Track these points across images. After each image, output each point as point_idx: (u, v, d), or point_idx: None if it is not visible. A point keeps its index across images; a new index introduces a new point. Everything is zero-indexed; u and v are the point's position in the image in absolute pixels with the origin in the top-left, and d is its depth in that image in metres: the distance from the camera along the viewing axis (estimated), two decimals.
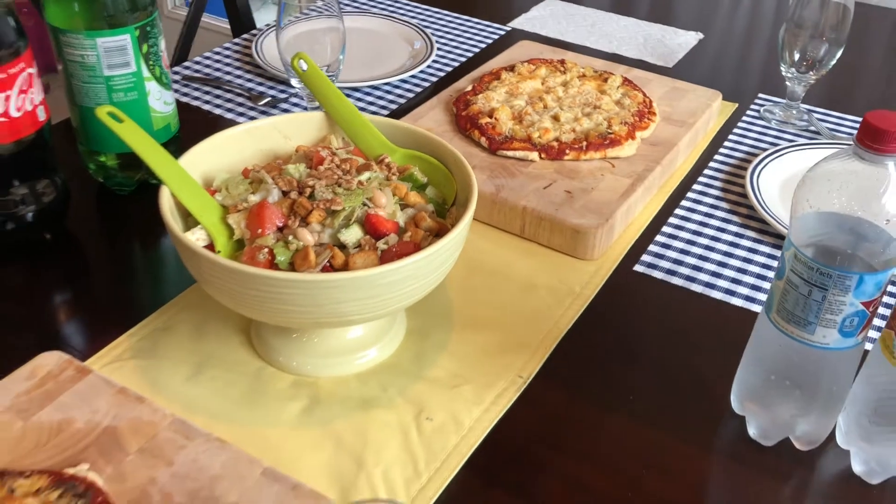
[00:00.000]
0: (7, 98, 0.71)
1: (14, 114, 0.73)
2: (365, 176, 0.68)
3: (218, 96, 1.09)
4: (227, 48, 1.22)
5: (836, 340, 0.57)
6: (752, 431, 0.65)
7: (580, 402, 0.68)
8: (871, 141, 0.52)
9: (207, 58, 1.19)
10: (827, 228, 0.56)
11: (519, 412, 0.67)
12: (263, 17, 2.42)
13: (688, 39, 1.29)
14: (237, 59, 1.19)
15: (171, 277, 0.81)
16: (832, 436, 0.64)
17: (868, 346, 0.66)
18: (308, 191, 0.66)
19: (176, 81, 1.11)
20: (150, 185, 0.90)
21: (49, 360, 0.65)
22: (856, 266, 0.54)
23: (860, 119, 0.68)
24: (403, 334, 0.73)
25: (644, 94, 1.01)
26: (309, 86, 0.77)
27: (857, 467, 0.63)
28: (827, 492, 0.62)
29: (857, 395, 0.62)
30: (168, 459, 0.57)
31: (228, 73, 1.15)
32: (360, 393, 0.68)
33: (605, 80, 1.03)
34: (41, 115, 0.76)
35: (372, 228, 0.64)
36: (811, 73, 1.03)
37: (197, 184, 0.66)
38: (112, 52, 0.79)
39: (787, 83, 1.06)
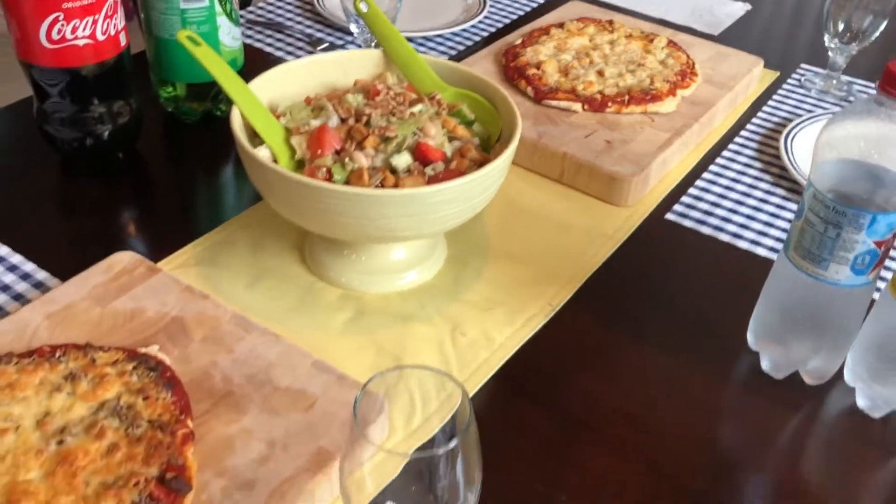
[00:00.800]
0: (94, 21, 0.78)
1: (100, 37, 0.79)
2: (417, 108, 0.73)
3: (279, 40, 1.15)
4: None
5: (847, 277, 0.62)
6: (764, 365, 0.70)
7: (605, 331, 0.73)
8: (892, 87, 0.56)
9: (270, 3, 1.25)
10: (845, 171, 0.59)
11: (547, 335, 0.72)
12: None
13: (735, 9, 1.32)
14: (297, 7, 1.24)
15: (230, 199, 0.88)
16: (840, 373, 0.69)
17: (880, 284, 0.70)
18: (364, 118, 0.71)
19: (241, 23, 1.17)
20: (214, 116, 0.96)
21: (123, 258, 0.71)
22: (870, 206, 0.58)
23: None
24: (443, 261, 0.78)
25: (688, 56, 1.04)
26: (369, 25, 0.83)
27: (862, 402, 0.67)
28: (832, 423, 0.67)
29: (865, 334, 0.66)
30: (229, 348, 0.64)
31: (290, 19, 1.21)
32: (400, 308, 0.74)
33: (651, 41, 1.07)
34: (122, 41, 0.82)
35: (421, 156, 0.69)
36: (854, 43, 1.06)
37: (264, 106, 0.72)
38: None
39: (830, 53, 1.09)
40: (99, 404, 0.57)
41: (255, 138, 0.71)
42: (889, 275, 0.77)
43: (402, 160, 0.69)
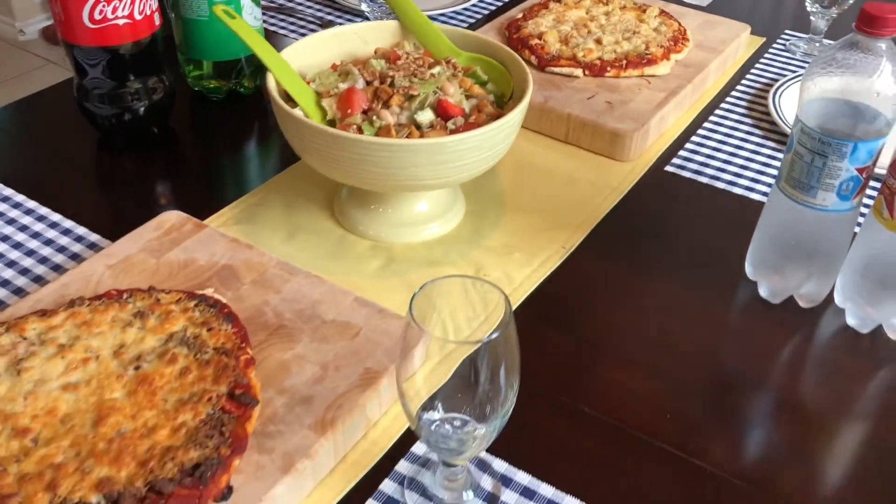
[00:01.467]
0: (133, 2, 0.84)
1: (137, 17, 0.85)
2: (436, 70, 0.80)
3: (292, 24, 1.21)
4: None
5: (834, 203, 0.68)
6: (762, 292, 0.77)
7: (615, 267, 0.80)
8: (866, 26, 0.62)
9: None
10: (828, 107, 0.66)
11: (562, 274, 0.79)
12: None
13: None
14: None
15: (257, 168, 0.94)
16: (830, 295, 0.75)
17: (864, 211, 0.76)
18: (388, 80, 0.78)
19: None
20: (238, 94, 1.02)
21: (171, 217, 0.78)
22: (851, 136, 0.65)
23: None
24: (462, 214, 0.85)
25: (679, 24, 1.11)
26: (388, 0, 0.89)
27: (851, 321, 0.74)
28: (825, 340, 0.74)
29: (852, 257, 0.73)
30: (277, 289, 0.70)
31: (300, 3, 1.27)
32: (427, 255, 0.80)
33: (644, 11, 1.13)
34: (157, 20, 0.88)
35: (442, 111, 0.76)
36: (833, 8, 1.12)
37: (295, 72, 0.78)
38: None
39: (812, 18, 1.16)
40: (167, 336, 0.63)
41: (288, 102, 0.78)
42: (872, 201, 0.83)
43: (426, 116, 0.75)
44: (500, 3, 1.29)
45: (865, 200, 0.83)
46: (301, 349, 0.65)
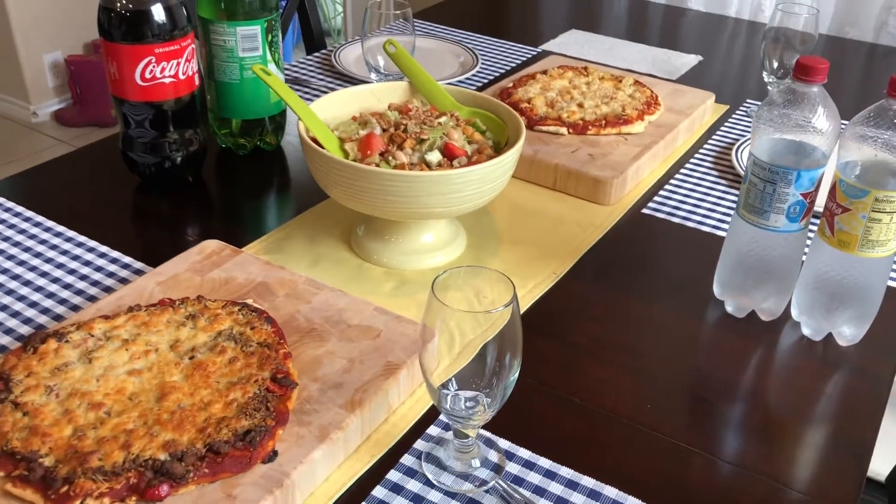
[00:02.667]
0: (178, 63, 0.97)
1: (181, 76, 0.98)
2: (442, 119, 0.92)
3: (305, 93, 1.35)
4: (308, 59, 1.48)
5: (784, 225, 0.80)
6: (728, 308, 0.88)
7: (600, 290, 0.91)
8: (802, 75, 0.76)
9: (293, 66, 1.45)
10: (775, 141, 0.79)
11: (554, 295, 0.90)
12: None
13: (689, 60, 1.55)
14: (316, 67, 1.45)
15: (280, 212, 1.06)
16: (788, 310, 0.87)
17: (812, 234, 0.88)
18: (402, 127, 0.90)
19: None
20: (262, 150, 1.15)
21: (211, 244, 0.89)
22: (794, 165, 0.78)
23: None
24: (464, 246, 0.96)
25: (651, 91, 1.26)
26: (395, 62, 1.03)
27: (806, 331, 0.85)
28: (783, 347, 0.84)
29: (804, 275, 0.84)
30: (307, 300, 0.81)
31: (312, 76, 1.41)
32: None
33: (620, 81, 1.28)
34: (196, 81, 1.01)
35: (449, 153, 0.88)
36: (787, 78, 1.28)
37: (321, 121, 0.91)
38: (246, 39, 1.05)
39: (769, 87, 1.31)
40: (216, 333, 0.73)
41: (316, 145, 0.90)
42: (818, 222, 0.95)
43: (435, 156, 0.88)
44: (493, 76, 1.44)
45: (812, 227, 0.95)
46: (330, 346, 0.75)
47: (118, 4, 0.93)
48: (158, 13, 0.94)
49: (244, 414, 0.65)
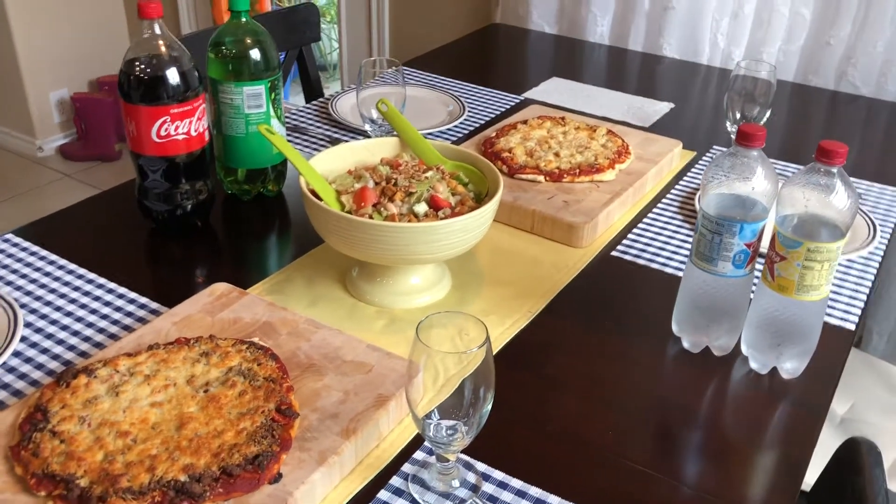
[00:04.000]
0: (190, 122, 1.07)
1: (193, 133, 1.08)
2: (429, 174, 1.03)
3: (304, 141, 1.45)
4: (307, 108, 1.59)
5: (731, 271, 0.91)
6: (685, 344, 0.98)
7: (571, 327, 1.01)
8: (742, 140, 0.86)
9: (293, 114, 1.56)
10: (721, 198, 0.89)
11: (528, 332, 1.00)
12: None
13: (662, 107, 1.66)
14: (316, 116, 1.55)
15: (281, 254, 1.16)
16: (738, 346, 0.97)
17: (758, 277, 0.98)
18: (393, 180, 1.01)
19: None
20: (264, 196, 1.25)
21: (220, 287, 0.98)
22: (738, 218, 0.88)
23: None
24: (449, 287, 1.06)
25: (623, 140, 1.37)
26: (387, 119, 1.13)
27: (753, 364, 0.95)
28: (733, 379, 0.94)
29: (750, 316, 0.94)
30: (307, 338, 0.90)
31: (311, 123, 1.52)
32: (420, 318, 1.00)
33: (594, 131, 1.39)
34: (207, 137, 1.12)
35: (434, 204, 0.98)
36: None
37: (319, 175, 1.01)
38: (252, 97, 1.16)
39: (732, 136, 1.41)
40: (227, 369, 0.82)
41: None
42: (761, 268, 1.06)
43: (422, 207, 0.98)
44: (478, 125, 1.55)
45: (757, 273, 1.05)
46: (328, 381, 0.84)
47: (137, 69, 1.04)
48: (173, 77, 1.05)
49: (253, 441, 0.74)
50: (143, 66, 1.04)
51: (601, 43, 2.07)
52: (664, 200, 1.31)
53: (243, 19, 1.15)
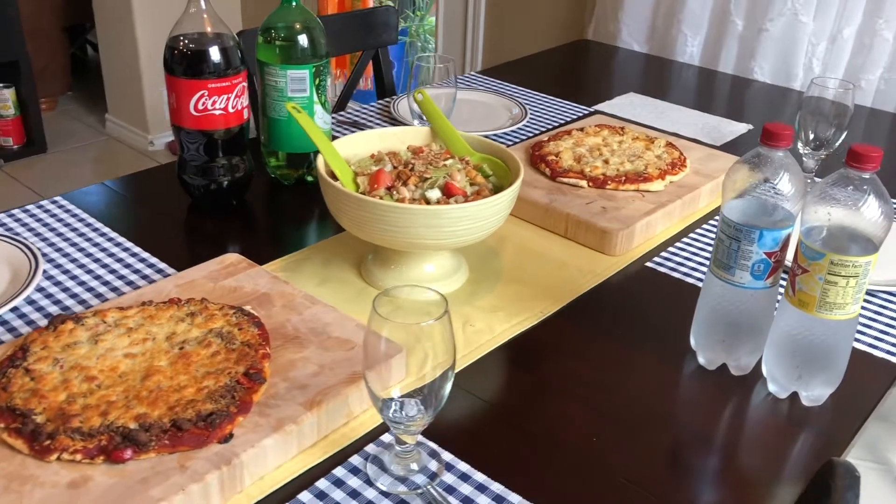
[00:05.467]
0: (228, 98, 1.09)
1: (231, 110, 1.10)
2: (448, 162, 1.01)
3: None
4: (372, 106, 1.60)
5: (749, 281, 0.83)
6: (700, 360, 0.91)
7: (580, 331, 0.96)
8: (767, 140, 0.80)
9: (357, 111, 1.57)
10: (742, 202, 0.83)
11: (537, 332, 0.95)
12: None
13: (739, 128, 1.57)
14: (377, 113, 1.56)
15: (310, 237, 1.16)
16: (760, 369, 0.89)
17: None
18: (410, 166, 0.99)
19: (333, 122, 1.49)
20: (305, 182, 1.26)
21: (231, 257, 0.99)
22: (758, 225, 0.81)
23: None
24: (464, 280, 1.03)
25: (681, 153, 1.30)
26: (422, 109, 1.12)
27: (772, 387, 0.87)
28: (746, 402, 0.86)
29: (771, 334, 0.86)
30: (299, 312, 0.89)
31: (370, 119, 1.53)
32: (426, 307, 0.98)
33: (652, 142, 1.33)
34: (245, 115, 1.14)
35: (448, 191, 0.96)
36: (822, 150, 1.29)
37: (340, 156, 1.00)
38: (295, 81, 1.17)
39: (804, 158, 1.32)
40: (209, 330, 0.82)
41: (335, 181, 0.99)
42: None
43: (434, 193, 0.96)
44: (540, 131, 1.51)
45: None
46: (307, 353, 0.83)
47: (181, 44, 1.07)
48: (214, 53, 1.07)
49: (211, 399, 0.73)
50: (185, 42, 1.07)
51: (690, 63, 2.00)
52: (717, 218, 1.23)
53: (293, 4, 1.17)
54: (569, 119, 1.58)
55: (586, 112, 1.62)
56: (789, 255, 0.84)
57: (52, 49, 3.59)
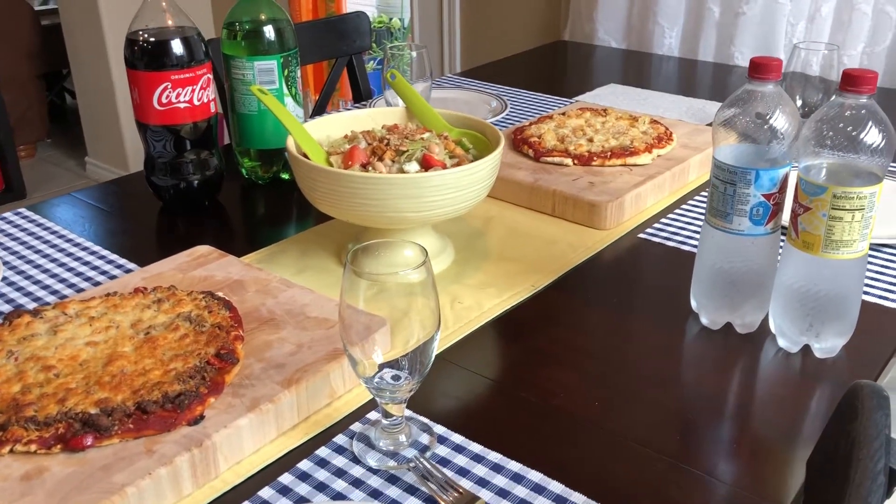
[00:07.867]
0: (193, 90, 1.05)
1: (196, 102, 1.06)
2: (425, 135, 0.96)
3: None
4: (348, 106, 1.56)
5: (749, 228, 0.78)
6: (703, 321, 0.85)
7: (574, 302, 0.91)
8: (755, 73, 0.76)
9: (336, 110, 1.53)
10: (734, 144, 0.78)
11: (528, 305, 0.90)
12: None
13: None
14: None
15: (283, 233, 1.11)
16: (765, 324, 0.83)
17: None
18: (385, 141, 0.94)
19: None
20: (280, 180, 1.21)
21: (202, 248, 0.94)
22: (753, 165, 0.76)
23: None
24: (450, 261, 0.98)
25: (667, 129, 1.26)
26: (396, 90, 1.08)
27: (781, 342, 0.81)
28: (754, 357, 0.81)
29: (776, 285, 0.81)
30: (274, 296, 0.84)
31: None
32: (411, 289, 0.93)
33: (636, 120, 1.29)
34: (212, 108, 1.09)
35: (426, 163, 0.91)
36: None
37: (310, 135, 0.96)
38: (263, 72, 1.13)
39: None
40: (176, 315, 0.77)
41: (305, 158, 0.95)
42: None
43: (412, 167, 0.91)
44: (520, 123, 1.47)
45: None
46: (284, 334, 0.77)
47: (140, 37, 1.03)
48: (175, 44, 1.03)
49: (178, 380, 0.68)
50: (145, 35, 1.03)
51: (670, 55, 1.97)
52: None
53: None
54: (550, 110, 1.54)
55: (568, 102, 1.58)
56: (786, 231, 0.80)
57: (29, 97, 3.57)
